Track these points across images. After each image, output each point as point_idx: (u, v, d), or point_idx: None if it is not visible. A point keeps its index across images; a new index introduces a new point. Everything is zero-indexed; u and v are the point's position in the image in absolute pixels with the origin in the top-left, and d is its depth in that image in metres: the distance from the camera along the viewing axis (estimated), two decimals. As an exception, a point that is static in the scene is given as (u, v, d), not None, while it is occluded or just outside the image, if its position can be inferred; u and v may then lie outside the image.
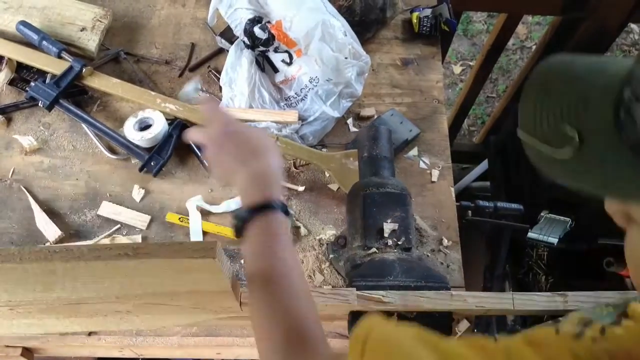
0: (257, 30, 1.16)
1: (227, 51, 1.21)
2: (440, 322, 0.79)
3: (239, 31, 1.19)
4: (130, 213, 1.10)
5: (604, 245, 1.59)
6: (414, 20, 1.34)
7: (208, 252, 0.60)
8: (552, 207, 1.45)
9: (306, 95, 1.18)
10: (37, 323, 0.81)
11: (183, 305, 0.76)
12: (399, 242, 0.88)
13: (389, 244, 0.88)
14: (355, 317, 0.79)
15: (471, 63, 2.77)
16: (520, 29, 2.86)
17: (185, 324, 0.82)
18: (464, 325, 1.00)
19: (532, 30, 2.89)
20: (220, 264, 0.62)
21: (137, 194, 1.12)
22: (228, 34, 1.26)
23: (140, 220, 1.09)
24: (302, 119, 1.18)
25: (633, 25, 2.91)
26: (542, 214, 1.46)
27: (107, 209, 1.10)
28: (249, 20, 1.17)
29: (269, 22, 1.18)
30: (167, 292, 0.71)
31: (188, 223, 1.08)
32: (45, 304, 0.73)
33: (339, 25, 1.13)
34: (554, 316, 0.62)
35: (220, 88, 1.21)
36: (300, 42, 1.16)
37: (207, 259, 0.60)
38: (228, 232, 1.08)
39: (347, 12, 1.23)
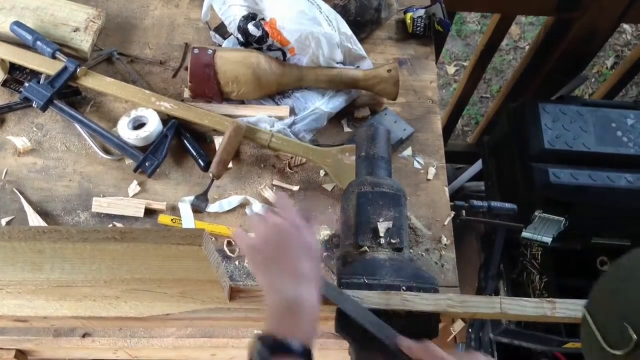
0: (250, 27, 1.16)
1: (221, 50, 1.21)
2: (427, 323, 0.79)
3: (232, 28, 1.18)
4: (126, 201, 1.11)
5: (597, 244, 1.59)
6: (408, 21, 1.34)
7: (195, 239, 0.60)
8: (546, 206, 1.45)
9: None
10: (27, 304, 0.81)
11: (171, 293, 0.76)
12: (392, 242, 0.88)
13: (381, 243, 0.87)
14: (341, 314, 0.78)
15: (465, 63, 2.78)
16: (514, 29, 2.87)
17: (175, 312, 0.82)
18: (458, 325, 1.01)
19: (525, 30, 2.90)
20: (207, 252, 0.62)
21: (133, 190, 1.12)
22: (222, 30, 1.26)
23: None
24: (295, 114, 1.18)
25: (625, 26, 2.92)
26: (535, 213, 1.46)
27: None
28: (243, 17, 1.17)
29: (263, 19, 1.18)
30: (155, 279, 0.71)
31: (181, 224, 1.08)
32: (34, 285, 0.73)
33: (331, 30, 1.13)
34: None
35: (214, 88, 1.21)
36: (294, 43, 1.16)
37: (194, 246, 0.60)
38: (222, 230, 1.08)
39: (342, 12, 1.23)
